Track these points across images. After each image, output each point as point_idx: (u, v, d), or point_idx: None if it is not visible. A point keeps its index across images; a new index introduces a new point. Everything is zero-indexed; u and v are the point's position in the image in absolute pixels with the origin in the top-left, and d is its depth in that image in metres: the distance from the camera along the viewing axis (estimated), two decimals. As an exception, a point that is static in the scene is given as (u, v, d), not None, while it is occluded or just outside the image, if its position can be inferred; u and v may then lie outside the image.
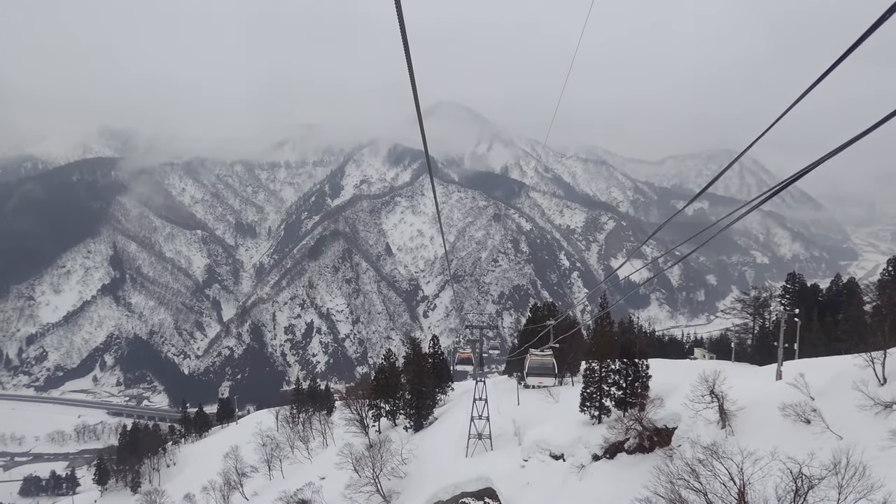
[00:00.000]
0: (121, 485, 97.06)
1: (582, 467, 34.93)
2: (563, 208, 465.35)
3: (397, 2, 5.05)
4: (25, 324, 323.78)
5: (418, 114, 6.82)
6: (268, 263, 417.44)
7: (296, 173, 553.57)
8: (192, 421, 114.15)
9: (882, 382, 26.77)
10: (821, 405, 27.46)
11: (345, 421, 62.14)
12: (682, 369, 38.44)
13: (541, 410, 46.20)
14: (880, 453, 22.77)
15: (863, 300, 58.19)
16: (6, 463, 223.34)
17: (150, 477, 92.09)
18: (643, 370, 37.20)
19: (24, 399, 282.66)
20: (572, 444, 37.15)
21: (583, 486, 33.53)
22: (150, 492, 72.10)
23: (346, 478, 46.37)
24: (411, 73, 6.04)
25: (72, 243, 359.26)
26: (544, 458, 38.33)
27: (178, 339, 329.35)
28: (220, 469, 71.12)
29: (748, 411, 29.17)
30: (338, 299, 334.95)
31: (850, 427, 25.45)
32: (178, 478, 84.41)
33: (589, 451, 35.45)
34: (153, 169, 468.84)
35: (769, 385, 32.37)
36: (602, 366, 39.21)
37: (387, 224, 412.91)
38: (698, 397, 29.50)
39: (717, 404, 29.50)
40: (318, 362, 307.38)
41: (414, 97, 6.50)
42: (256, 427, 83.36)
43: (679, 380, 35.60)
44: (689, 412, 30.40)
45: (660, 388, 36.18)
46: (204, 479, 72.25)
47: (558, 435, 38.98)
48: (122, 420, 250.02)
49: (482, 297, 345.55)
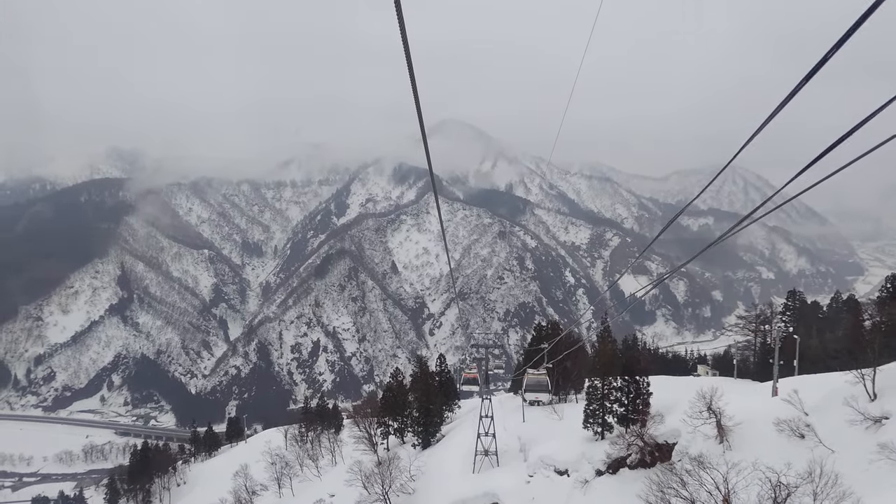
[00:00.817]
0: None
1: (585, 482, 35.96)
2: (567, 225, 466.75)
3: (401, 22, 5.13)
4: (33, 344, 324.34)
5: (422, 132, 6.94)
6: (274, 282, 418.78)
7: (301, 192, 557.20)
8: (202, 440, 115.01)
9: (872, 398, 27.88)
10: (814, 420, 28.58)
11: (354, 439, 63.26)
12: (683, 386, 39.46)
13: (545, 427, 47.26)
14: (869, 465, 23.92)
15: (862, 317, 58.98)
16: (14, 483, 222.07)
17: (161, 496, 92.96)
18: (644, 387, 38.30)
19: (32, 419, 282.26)
20: (576, 459, 38.18)
21: (586, 501, 34.54)
22: (162, 510, 73.09)
23: (356, 495, 47.37)
24: (415, 91, 6.08)
25: (80, 263, 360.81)
26: (549, 473, 39.33)
27: (186, 359, 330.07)
28: (230, 488, 72.04)
29: (745, 427, 30.25)
30: (344, 318, 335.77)
31: (841, 441, 26.58)
32: (189, 496, 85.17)
33: (592, 467, 36.50)
34: (160, 189, 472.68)
35: (765, 401, 33.42)
36: (604, 383, 40.34)
37: (392, 242, 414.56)
38: (696, 413, 30.62)
39: (714, 420, 30.60)
40: (324, 381, 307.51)
41: (418, 115, 6.55)
42: (266, 446, 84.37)
43: (679, 396, 36.66)
44: (689, 428, 31.50)
45: (660, 405, 37.27)
46: (214, 497, 73.13)
47: (562, 451, 40.01)
48: (130, 440, 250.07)
49: (488, 314, 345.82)
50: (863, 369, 28.40)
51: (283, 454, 77.99)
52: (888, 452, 23.32)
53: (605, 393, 40.35)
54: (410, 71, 5.69)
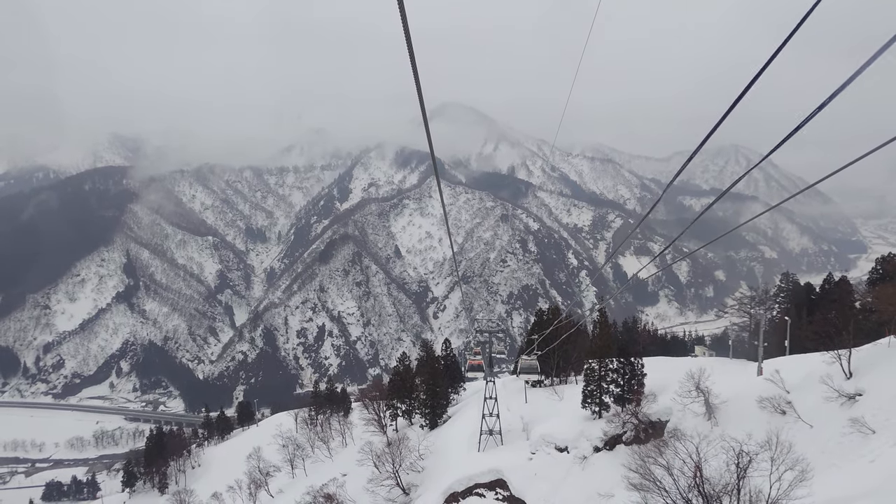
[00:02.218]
0: (148, 486, 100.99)
1: (584, 458, 38.30)
2: (570, 207, 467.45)
3: (401, 5, 5.18)
4: (42, 332, 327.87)
5: (423, 116, 6.93)
6: (278, 268, 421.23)
7: (304, 178, 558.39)
8: (215, 424, 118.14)
9: (848, 377, 30.05)
10: (794, 398, 30.81)
11: (364, 421, 65.81)
12: (677, 367, 41.53)
13: (546, 407, 49.55)
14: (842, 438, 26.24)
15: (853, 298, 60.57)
16: (27, 469, 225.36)
17: (177, 478, 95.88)
18: (639, 369, 40.53)
19: (42, 406, 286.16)
20: (575, 437, 40.48)
21: (585, 476, 36.86)
22: (180, 492, 75.81)
23: (367, 473, 49.81)
24: (416, 74, 6.04)
25: (86, 252, 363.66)
26: (550, 450, 41.66)
27: (192, 345, 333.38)
28: (244, 469, 74.64)
29: (730, 404, 32.48)
30: (348, 302, 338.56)
31: (818, 416, 28.86)
32: (204, 479, 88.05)
33: (590, 444, 38.82)
34: (163, 176, 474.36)
35: (750, 381, 35.59)
36: (601, 365, 42.57)
37: (395, 227, 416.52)
38: (686, 392, 32.85)
39: (703, 398, 32.83)
40: (330, 365, 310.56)
41: (419, 98, 6.52)
42: (277, 429, 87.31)
43: (672, 377, 38.78)
44: (679, 406, 33.75)
45: (654, 385, 39.53)
46: (229, 479, 75.95)
47: (562, 429, 42.28)
48: (140, 425, 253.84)
49: (491, 297, 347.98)
50: (840, 350, 30.54)
51: (295, 437, 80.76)
52: (858, 426, 25.57)
53: (601, 374, 42.57)
54: (410, 53, 5.67)
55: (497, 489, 41.69)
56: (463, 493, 42.82)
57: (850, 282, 68.65)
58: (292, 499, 54.53)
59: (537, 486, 38.99)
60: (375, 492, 47.37)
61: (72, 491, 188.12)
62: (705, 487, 17.68)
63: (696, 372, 32.87)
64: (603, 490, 33.84)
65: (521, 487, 40.07)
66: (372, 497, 47.57)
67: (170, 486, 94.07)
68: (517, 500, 39.61)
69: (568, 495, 35.57)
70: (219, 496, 73.96)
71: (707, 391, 32.70)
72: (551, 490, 37.62)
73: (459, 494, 42.78)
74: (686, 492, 18.05)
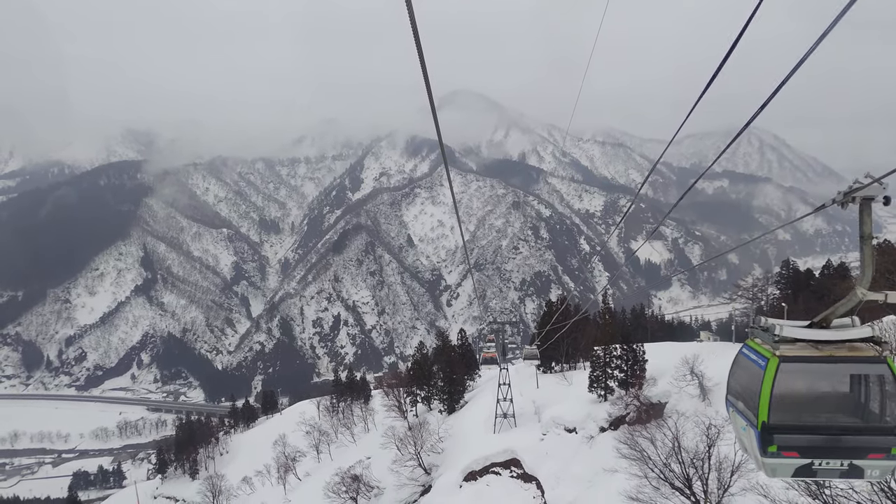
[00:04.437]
0: (179, 472, 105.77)
1: (591, 438, 41.66)
2: (581, 193, 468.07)
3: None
4: (63, 326, 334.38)
5: (431, 103, 6.82)
6: (293, 258, 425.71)
7: (316, 168, 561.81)
8: (240, 413, 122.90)
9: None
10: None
11: (385, 407, 69.57)
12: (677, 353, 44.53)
13: (556, 392, 53.02)
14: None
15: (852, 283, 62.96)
16: (54, 460, 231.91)
17: (206, 464, 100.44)
18: (640, 355, 43.79)
19: (66, 398, 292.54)
20: (583, 419, 43.85)
21: (592, 454, 40.17)
22: (211, 476, 80.00)
23: (391, 456, 53.43)
24: (422, 60, 5.95)
25: (103, 246, 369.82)
26: (559, 431, 45.10)
27: (210, 336, 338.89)
28: (272, 455, 78.69)
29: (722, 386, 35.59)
30: (363, 291, 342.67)
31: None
32: (232, 465, 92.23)
33: (596, 425, 42.19)
34: (177, 170, 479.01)
35: (742, 364, 38.61)
36: (606, 352, 45.87)
37: (407, 216, 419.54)
38: (681, 376, 36.09)
39: (697, 381, 36.06)
40: (346, 353, 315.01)
41: (426, 84, 6.47)
42: (300, 417, 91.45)
43: (672, 362, 41.98)
44: (676, 389, 37.01)
45: (655, 370, 42.79)
46: (257, 464, 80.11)
47: (571, 412, 45.69)
48: (162, 415, 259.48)
49: (504, 284, 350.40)
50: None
51: (318, 423, 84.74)
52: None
53: (606, 361, 45.87)
54: (417, 41, 5.66)
55: (511, 467, 45.25)
56: (480, 471, 46.44)
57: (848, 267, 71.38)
58: (320, 481, 58.14)
59: (548, 464, 42.35)
60: (399, 472, 51.07)
61: (98, 480, 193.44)
62: (682, 456, 21.04)
63: (690, 357, 36.07)
64: (607, 466, 37.11)
65: (533, 465, 43.49)
66: (396, 477, 51.27)
67: (200, 471, 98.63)
68: (530, 476, 43.11)
69: (576, 472, 38.86)
70: (249, 480, 78.11)
71: (701, 375, 35.87)
72: (561, 467, 40.93)
73: (477, 473, 46.39)
74: (666, 458, 21.43)
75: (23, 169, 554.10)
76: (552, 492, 38.91)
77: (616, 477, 33.22)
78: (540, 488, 41.14)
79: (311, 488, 61.56)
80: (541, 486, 41.13)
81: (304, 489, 66.35)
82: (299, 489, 68.80)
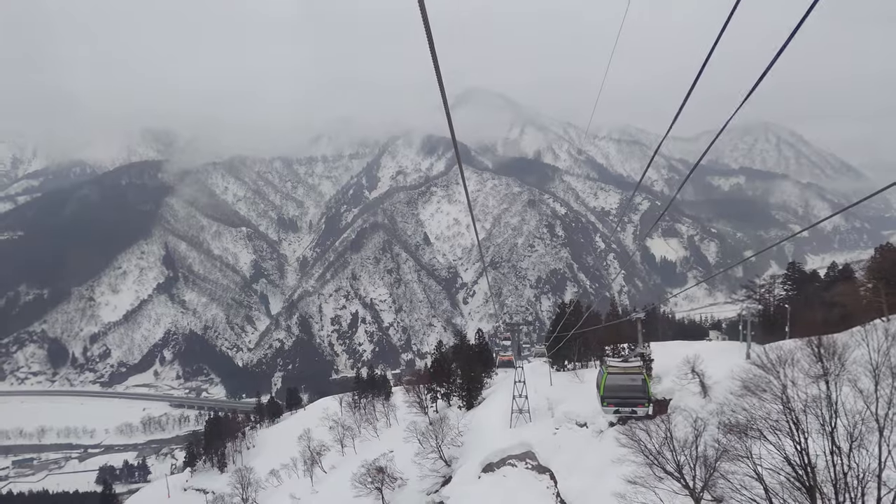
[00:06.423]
0: (208, 466, 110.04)
1: (601, 432, 44.68)
2: (597, 191, 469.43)
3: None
4: (88, 323, 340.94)
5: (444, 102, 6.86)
6: (311, 257, 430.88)
7: (333, 167, 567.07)
8: (265, 408, 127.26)
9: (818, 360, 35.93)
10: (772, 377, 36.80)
11: (406, 403, 73.11)
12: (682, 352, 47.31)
13: (568, 389, 56.09)
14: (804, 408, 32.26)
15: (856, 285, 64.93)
16: (80, 454, 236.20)
17: (234, 458, 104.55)
18: (647, 354, 46.73)
19: (91, 395, 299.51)
20: (593, 414, 46.79)
21: (601, 447, 43.16)
22: (240, 469, 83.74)
23: (413, 449, 56.69)
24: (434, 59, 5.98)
25: (126, 245, 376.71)
26: (571, 426, 48.17)
27: (231, 333, 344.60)
28: (298, 449, 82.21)
29: (722, 384, 38.53)
30: (380, 289, 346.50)
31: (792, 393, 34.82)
32: (259, 458, 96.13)
33: (606, 420, 45.15)
34: (196, 169, 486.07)
35: (740, 363, 41.57)
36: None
37: (424, 214, 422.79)
38: (683, 375, 39.09)
39: (698, 380, 39.02)
40: (364, 351, 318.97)
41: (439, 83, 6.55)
42: (323, 412, 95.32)
43: (677, 361, 44.94)
44: (678, 387, 40.02)
45: (661, 369, 45.76)
46: (283, 458, 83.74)
47: (582, 408, 48.64)
48: (185, 411, 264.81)
49: (519, 282, 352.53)
50: (812, 336, 36.39)
51: (341, 419, 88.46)
52: (817, 401, 31.57)
53: (615, 360, 48.93)
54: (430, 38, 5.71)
55: (526, 459, 48.51)
56: (497, 463, 49.77)
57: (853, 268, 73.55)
58: (346, 473, 61.53)
59: (561, 456, 45.44)
60: (422, 464, 54.44)
61: (124, 474, 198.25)
62: (673, 444, 24.22)
63: (691, 357, 39.04)
64: (615, 458, 40.20)
65: (546, 458, 46.65)
66: (419, 468, 54.64)
67: (228, 464, 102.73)
68: (544, 468, 46.31)
69: (586, 463, 41.88)
70: (276, 473, 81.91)
71: (702, 373, 38.80)
72: (573, 459, 43.98)
73: (495, 465, 49.74)
74: (659, 446, 24.60)
75: (46, 169, 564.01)
76: (564, 482, 42.00)
77: (622, 467, 36.41)
78: (553, 479, 44.26)
79: (338, 480, 64.93)
80: (554, 476, 44.23)
81: (331, 481, 69.76)
82: (326, 481, 72.22)
